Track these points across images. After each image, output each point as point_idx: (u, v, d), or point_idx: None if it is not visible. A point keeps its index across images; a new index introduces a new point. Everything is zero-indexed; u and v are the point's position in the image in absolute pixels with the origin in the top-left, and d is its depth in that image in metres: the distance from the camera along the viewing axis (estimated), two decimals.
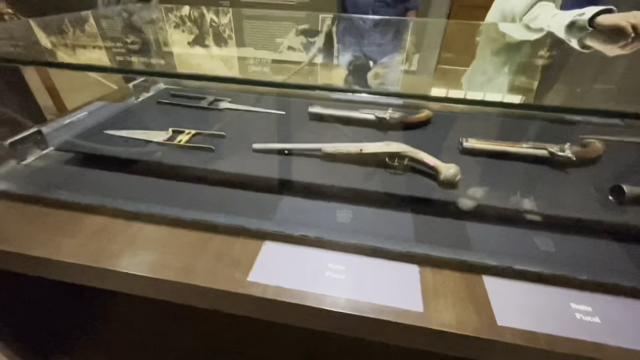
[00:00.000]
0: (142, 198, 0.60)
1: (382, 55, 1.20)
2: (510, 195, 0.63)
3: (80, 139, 0.79)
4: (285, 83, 0.55)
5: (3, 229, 0.56)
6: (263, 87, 1.08)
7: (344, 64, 1.02)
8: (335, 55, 1.04)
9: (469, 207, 0.59)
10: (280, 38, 1.09)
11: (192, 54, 0.97)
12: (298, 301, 0.46)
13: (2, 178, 0.68)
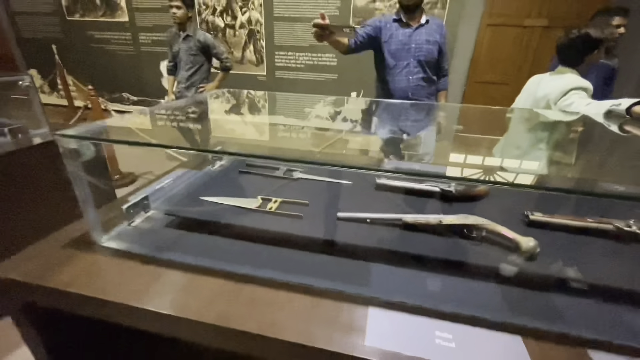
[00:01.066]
0: (248, 261, 0.67)
1: (416, 131, 1.32)
2: (593, 269, 0.67)
3: (180, 204, 0.89)
4: (375, 168, 0.65)
5: (119, 282, 0.63)
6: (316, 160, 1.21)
7: (381, 137, 1.13)
8: (373, 130, 1.17)
9: (578, 285, 0.62)
10: (333, 122, 1.24)
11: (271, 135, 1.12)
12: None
13: (117, 238, 0.77)
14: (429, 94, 1.73)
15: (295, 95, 1.61)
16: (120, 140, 0.69)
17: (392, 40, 1.64)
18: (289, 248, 0.72)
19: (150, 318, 0.59)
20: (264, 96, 1.45)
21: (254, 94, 1.48)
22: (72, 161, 0.66)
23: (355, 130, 1.17)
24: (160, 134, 1.00)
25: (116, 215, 0.85)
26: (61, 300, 0.64)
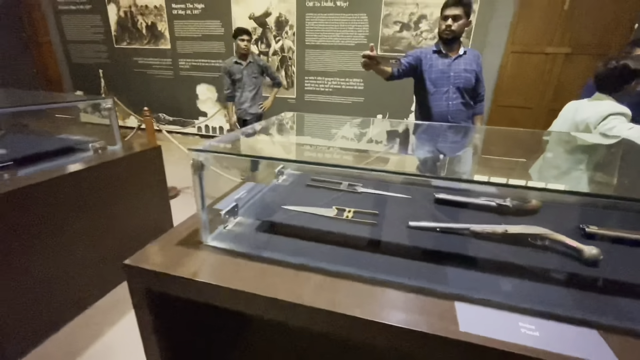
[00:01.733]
0: (337, 260, 0.78)
1: (453, 152, 1.42)
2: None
3: (263, 212, 1.01)
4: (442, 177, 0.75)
5: (224, 274, 0.74)
6: (378, 174, 1.33)
7: (419, 156, 1.24)
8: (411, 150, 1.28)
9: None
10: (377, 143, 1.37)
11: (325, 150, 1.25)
12: (506, 348, 0.58)
13: (218, 238, 0.89)
14: (466, 117, 1.85)
15: (348, 117, 1.75)
16: (248, 155, 0.82)
17: (432, 69, 1.79)
18: (371, 251, 0.82)
19: (263, 304, 0.70)
20: (325, 119, 1.59)
21: (314, 116, 1.62)
22: (197, 171, 0.80)
23: (406, 149, 1.28)
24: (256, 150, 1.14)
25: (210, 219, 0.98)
26: (184, 287, 0.76)
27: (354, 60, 3.88)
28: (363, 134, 1.47)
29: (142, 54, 4.70)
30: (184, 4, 4.25)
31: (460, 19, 1.70)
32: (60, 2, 4.78)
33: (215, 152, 0.82)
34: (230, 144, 1.08)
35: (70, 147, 1.63)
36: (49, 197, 1.31)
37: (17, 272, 1.23)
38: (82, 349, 1.34)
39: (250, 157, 0.83)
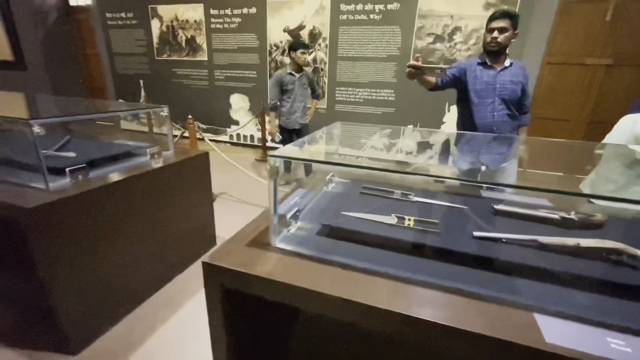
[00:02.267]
0: (404, 267, 0.79)
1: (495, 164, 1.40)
2: None
3: (322, 217, 1.05)
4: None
5: (298, 275, 0.77)
6: (433, 184, 1.34)
7: (459, 167, 1.23)
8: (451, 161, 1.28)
9: None
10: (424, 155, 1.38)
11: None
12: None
13: (284, 241, 0.92)
14: (512, 128, 1.83)
15: (397, 127, 1.77)
16: (323, 161, 0.86)
17: (476, 80, 1.79)
18: (437, 260, 0.83)
19: (340, 305, 0.72)
20: (375, 129, 1.62)
21: (366, 126, 1.66)
22: (273, 176, 0.84)
23: (462, 159, 1.29)
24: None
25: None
26: (260, 286, 0.80)
27: (386, 72, 3.91)
28: (420, 143, 1.48)
29: (180, 65, 4.95)
30: (222, 19, 4.46)
31: (506, 31, 1.70)
32: (109, 18, 5.13)
33: (294, 159, 0.86)
34: (301, 152, 1.12)
35: (129, 152, 1.74)
36: (116, 198, 1.40)
37: (86, 265, 1.32)
38: (138, 343, 1.41)
39: (328, 164, 0.87)
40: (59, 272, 1.22)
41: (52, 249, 1.18)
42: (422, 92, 3.78)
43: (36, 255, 1.16)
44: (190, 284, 1.80)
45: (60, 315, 1.25)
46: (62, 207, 1.20)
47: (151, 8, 4.81)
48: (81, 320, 1.34)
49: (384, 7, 3.68)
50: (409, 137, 1.62)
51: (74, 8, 6.01)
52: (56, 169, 1.32)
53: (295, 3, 4.05)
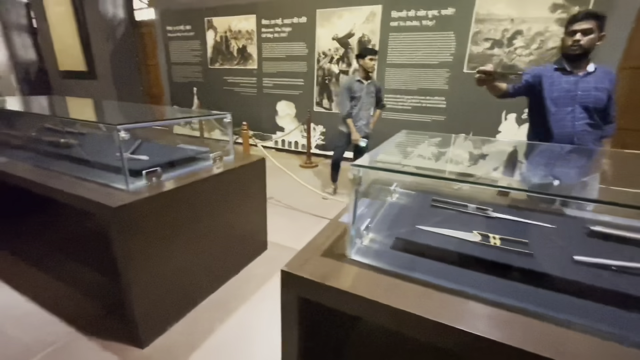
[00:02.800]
0: (502, 292, 0.72)
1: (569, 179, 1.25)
2: None
3: (393, 230, 1.00)
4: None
5: (371, 288, 0.73)
6: (513, 198, 1.24)
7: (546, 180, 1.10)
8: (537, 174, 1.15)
9: None
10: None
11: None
12: None
13: (358, 253, 0.89)
14: (594, 139, 1.66)
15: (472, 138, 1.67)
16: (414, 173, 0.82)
17: (553, 87, 1.64)
18: (533, 285, 0.75)
19: (429, 327, 0.67)
20: (447, 137, 1.55)
21: (434, 135, 1.59)
22: (356, 186, 0.82)
23: (549, 171, 1.18)
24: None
25: (340, 235, 1.00)
26: (340, 300, 0.77)
27: (437, 79, 3.78)
28: (497, 154, 1.39)
29: (231, 73, 5.18)
30: (273, 28, 4.61)
31: (591, 32, 1.55)
32: (169, 31, 5.53)
33: (378, 169, 0.83)
34: (381, 162, 1.10)
35: (194, 156, 1.82)
36: (184, 200, 1.47)
37: (155, 264, 1.38)
38: (198, 342, 1.45)
39: (416, 175, 0.82)
40: (135, 267, 1.29)
41: (130, 246, 1.26)
42: (476, 100, 3.61)
43: (117, 250, 1.23)
44: (244, 288, 1.83)
45: (134, 308, 1.32)
46: (140, 207, 1.27)
47: (207, 20, 5.10)
48: (150, 316, 1.41)
49: (437, 12, 3.58)
50: (484, 147, 1.52)
51: (139, 23, 6.56)
52: (133, 171, 1.41)
53: (345, 12, 4.08)
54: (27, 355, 1.36)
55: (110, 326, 1.52)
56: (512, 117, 3.55)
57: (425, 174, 0.80)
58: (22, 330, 1.49)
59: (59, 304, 1.66)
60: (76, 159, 1.74)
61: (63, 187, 1.37)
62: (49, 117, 2.00)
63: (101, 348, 1.40)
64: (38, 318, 1.57)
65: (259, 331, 1.53)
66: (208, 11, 5.05)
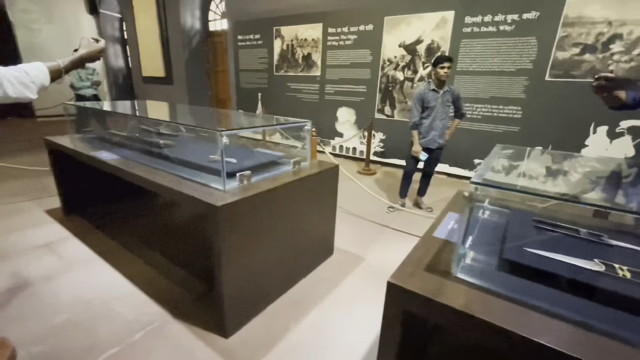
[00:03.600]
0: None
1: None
2: None
3: (493, 249, 0.96)
4: None
5: (490, 311, 0.69)
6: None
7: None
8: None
9: None
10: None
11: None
12: None
13: (463, 271, 0.86)
14: None
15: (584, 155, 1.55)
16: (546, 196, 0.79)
17: None
18: None
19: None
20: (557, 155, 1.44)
21: (532, 150, 1.50)
22: (471, 203, 0.80)
23: None
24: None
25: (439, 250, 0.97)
26: (451, 318, 0.76)
27: (514, 87, 3.54)
28: (616, 172, 1.27)
29: (295, 80, 5.37)
30: (339, 36, 4.70)
31: None
32: (239, 40, 5.92)
33: (503, 188, 0.80)
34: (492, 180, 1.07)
35: (275, 161, 1.93)
36: (270, 202, 1.55)
37: (243, 259, 1.48)
38: (276, 339, 1.52)
39: (554, 199, 0.78)
40: (229, 261, 1.40)
41: (226, 240, 1.36)
42: (559, 110, 3.31)
43: (215, 244, 1.35)
44: (315, 290, 1.88)
45: (224, 300, 1.43)
46: (237, 207, 1.37)
47: (276, 29, 5.37)
48: (236, 308, 1.51)
49: (518, 17, 3.36)
50: (596, 166, 1.39)
51: (211, 33, 7.13)
52: (227, 173, 1.52)
53: (414, 18, 4.01)
54: (131, 331, 1.53)
55: (197, 313, 1.66)
56: (603, 130, 3.18)
57: (563, 198, 0.76)
58: (125, 308, 1.69)
59: (153, 287, 1.85)
60: (173, 158, 1.94)
61: (170, 184, 1.53)
62: (156, 120, 2.26)
63: (190, 332, 1.54)
64: (136, 298, 1.77)
65: (333, 336, 1.56)
66: (277, 20, 5.31)
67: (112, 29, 9.22)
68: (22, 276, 1.92)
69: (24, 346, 1.43)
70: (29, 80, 1.02)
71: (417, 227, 2.76)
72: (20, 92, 1.00)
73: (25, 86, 1.01)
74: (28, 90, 1.02)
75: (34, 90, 1.05)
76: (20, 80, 0.99)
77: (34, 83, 1.03)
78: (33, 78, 1.03)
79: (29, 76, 1.02)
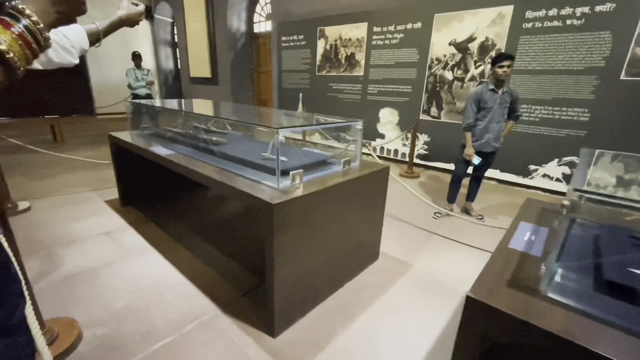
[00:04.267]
0: None
1: None
2: None
3: (597, 269, 0.84)
4: None
5: (581, 334, 0.59)
6: None
7: None
8: None
9: None
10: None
11: None
12: None
13: (556, 290, 0.76)
14: None
15: None
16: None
17: None
18: None
19: None
20: None
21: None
22: (570, 215, 0.70)
23: None
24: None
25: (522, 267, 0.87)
26: (540, 340, 0.67)
27: (581, 87, 3.22)
28: None
29: (337, 80, 5.34)
30: (384, 35, 4.59)
31: None
32: (283, 41, 6.01)
33: (611, 198, 0.70)
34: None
35: (325, 160, 1.90)
36: (322, 202, 1.52)
37: (294, 259, 1.46)
38: (323, 343, 1.48)
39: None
40: (281, 260, 1.38)
41: (279, 239, 1.35)
42: (636, 113, 2.95)
43: (269, 243, 1.34)
44: (361, 295, 1.82)
45: (275, 298, 1.42)
46: (291, 206, 1.36)
47: (320, 30, 5.37)
48: (285, 308, 1.49)
49: (589, 9, 3.05)
50: None
51: (256, 34, 7.32)
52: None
53: (467, 15, 3.81)
54: (183, 322, 1.58)
55: (245, 309, 1.67)
56: None
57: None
58: (177, 299, 1.74)
59: (202, 279, 1.90)
60: (225, 154, 1.97)
61: (225, 180, 1.55)
62: (215, 118, 2.33)
63: (239, 328, 1.55)
64: (187, 289, 1.82)
65: (382, 345, 1.49)
66: (321, 20, 5.32)
67: (165, 33, 9.81)
68: (87, 261, 2.06)
69: (88, 327, 1.52)
70: (69, 44, 0.98)
71: (467, 235, 2.59)
72: (63, 58, 0.98)
73: (67, 51, 0.98)
74: (70, 55, 1.00)
75: (75, 55, 1.02)
76: (61, 44, 0.97)
77: (74, 47, 1.00)
78: (73, 42, 1.00)
79: (69, 40, 0.98)
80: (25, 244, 2.22)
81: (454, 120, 4.17)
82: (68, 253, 2.15)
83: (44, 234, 2.39)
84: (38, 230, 2.45)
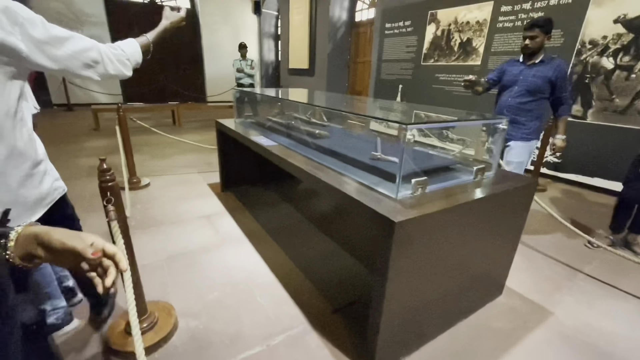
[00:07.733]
0: None
1: None
2: None
3: None
4: None
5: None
6: None
7: None
8: None
9: None
10: None
11: None
12: None
13: None
14: None
15: None
16: None
17: None
18: None
19: None
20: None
21: None
22: None
23: None
24: None
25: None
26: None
27: None
28: None
29: (445, 70, 4.71)
30: (515, 15, 3.80)
31: None
32: (387, 28, 5.59)
33: None
34: None
35: (448, 166, 1.53)
36: (449, 221, 1.17)
37: (407, 287, 1.16)
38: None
39: None
40: (396, 286, 1.11)
41: (396, 263, 1.06)
42: None
43: (387, 266, 1.06)
44: (481, 342, 1.42)
45: (381, 330, 1.15)
46: (416, 224, 1.05)
47: (431, 13, 4.79)
48: (389, 341, 1.22)
49: None
50: None
51: (357, 23, 7.04)
52: (390, 174, 1.21)
53: None
54: (271, 332, 1.43)
55: (337, 330, 1.45)
56: None
57: None
58: (266, 300, 1.62)
59: (292, 283, 1.75)
60: (329, 150, 1.76)
61: (333, 183, 1.33)
62: (328, 109, 2.16)
63: (330, 354, 1.33)
64: (277, 292, 1.69)
65: None
66: (434, 3, 4.72)
67: (269, 26, 10.33)
68: (189, 243, 2.13)
69: (183, 316, 1.50)
70: (125, 57, 1.07)
71: (628, 280, 1.90)
72: (118, 70, 1.05)
73: (122, 64, 1.06)
74: (125, 67, 1.07)
75: (129, 68, 1.10)
76: (118, 58, 1.04)
77: (129, 60, 1.08)
78: (129, 56, 1.08)
79: (125, 54, 1.07)
80: (141, 219, 2.43)
81: (608, 122, 3.21)
82: (173, 233, 2.26)
83: (157, 212, 2.59)
84: (153, 207, 2.67)
